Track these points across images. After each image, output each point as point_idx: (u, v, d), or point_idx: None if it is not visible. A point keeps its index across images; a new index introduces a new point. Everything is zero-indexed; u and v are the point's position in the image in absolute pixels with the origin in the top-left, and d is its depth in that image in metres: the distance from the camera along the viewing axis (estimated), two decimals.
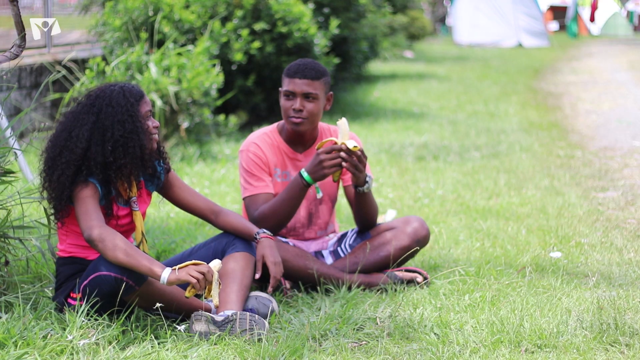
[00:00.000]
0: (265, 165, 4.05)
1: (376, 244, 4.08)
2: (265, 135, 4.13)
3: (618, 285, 4.04)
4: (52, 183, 3.41)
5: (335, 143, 3.85)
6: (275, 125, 4.18)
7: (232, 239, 3.66)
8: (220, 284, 3.30)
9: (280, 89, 4.09)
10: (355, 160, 3.86)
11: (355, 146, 3.82)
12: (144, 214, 3.62)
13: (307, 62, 4.08)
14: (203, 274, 3.21)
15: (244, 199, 4.04)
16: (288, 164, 4.11)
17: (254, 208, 3.99)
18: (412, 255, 4.11)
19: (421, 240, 4.10)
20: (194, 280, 3.19)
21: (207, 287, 3.26)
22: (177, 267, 3.22)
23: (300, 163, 4.12)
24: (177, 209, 5.54)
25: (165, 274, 3.19)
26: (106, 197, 3.44)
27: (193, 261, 3.25)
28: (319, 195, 4.14)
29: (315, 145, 4.13)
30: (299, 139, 4.12)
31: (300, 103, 4.00)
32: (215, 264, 3.32)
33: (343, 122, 3.86)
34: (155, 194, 3.75)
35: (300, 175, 3.88)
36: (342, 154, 3.82)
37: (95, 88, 3.49)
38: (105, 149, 3.38)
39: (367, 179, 3.97)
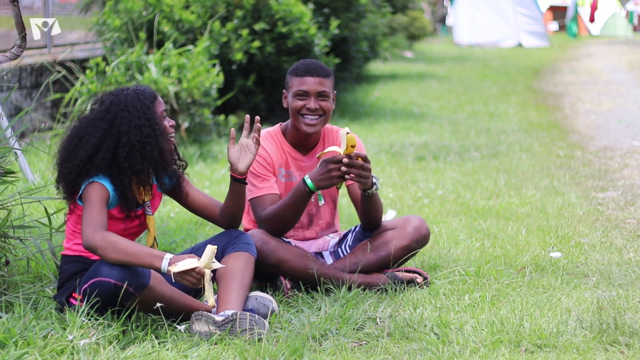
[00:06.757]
0: (269, 166, 4.02)
1: (377, 244, 4.07)
2: (269, 136, 4.10)
3: (618, 285, 4.04)
4: (61, 182, 3.44)
5: (338, 153, 3.79)
6: (278, 126, 4.15)
7: (232, 238, 3.65)
8: (214, 282, 3.31)
9: (286, 90, 4.05)
10: (360, 170, 3.80)
11: (356, 153, 3.76)
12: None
13: (313, 61, 4.05)
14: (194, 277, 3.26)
15: (249, 200, 4.00)
16: (291, 164, 4.09)
17: (260, 209, 3.96)
18: (412, 255, 4.11)
19: (422, 240, 4.09)
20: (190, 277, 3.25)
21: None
22: (175, 263, 3.24)
23: (303, 164, 4.10)
24: (177, 209, 5.55)
25: (165, 264, 3.24)
26: (120, 199, 3.42)
27: (190, 258, 3.27)
28: (321, 202, 4.12)
29: (318, 148, 4.13)
30: (304, 141, 4.09)
31: (315, 102, 3.98)
32: (208, 253, 3.31)
33: (345, 131, 3.79)
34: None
35: (304, 182, 3.83)
36: (344, 167, 3.76)
37: (107, 93, 3.48)
38: (119, 154, 3.37)
39: (374, 180, 3.94)
